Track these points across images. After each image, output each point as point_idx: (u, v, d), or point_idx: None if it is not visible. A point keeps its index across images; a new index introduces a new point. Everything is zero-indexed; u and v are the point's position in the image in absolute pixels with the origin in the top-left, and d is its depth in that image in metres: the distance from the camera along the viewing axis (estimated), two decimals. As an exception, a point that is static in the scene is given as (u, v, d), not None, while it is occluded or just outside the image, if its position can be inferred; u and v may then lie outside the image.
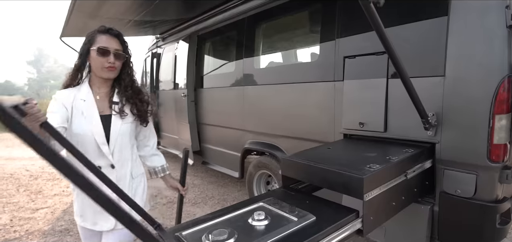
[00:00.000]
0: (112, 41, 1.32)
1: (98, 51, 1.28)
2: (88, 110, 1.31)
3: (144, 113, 1.43)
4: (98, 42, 1.29)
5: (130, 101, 1.39)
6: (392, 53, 1.29)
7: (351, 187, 1.23)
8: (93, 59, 1.31)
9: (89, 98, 1.33)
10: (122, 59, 1.35)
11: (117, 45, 1.33)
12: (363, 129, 1.93)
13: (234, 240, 1.01)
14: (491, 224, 1.46)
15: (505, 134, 1.46)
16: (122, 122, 1.38)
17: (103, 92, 1.38)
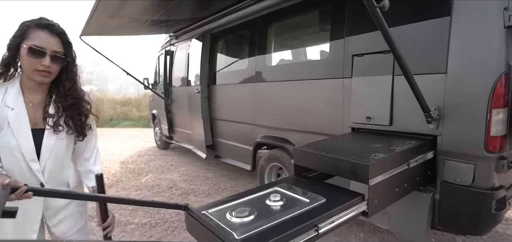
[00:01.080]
0: (52, 40, 1.10)
1: (30, 50, 1.06)
2: (16, 121, 1.11)
3: (80, 127, 1.23)
4: (32, 38, 1.07)
5: (67, 112, 1.20)
6: (396, 52, 1.42)
7: (358, 173, 1.37)
8: (23, 58, 1.09)
9: (19, 105, 1.12)
10: (61, 63, 1.14)
11: (57, 46, 1.11)
12: (370, 122, 2.06)
13: (254, 217, 1.17)
14: (487, 210, 1.58)
15: (502, 127, 1.57)
16: (57, 137, 1.19)
17: (36, 99, 1.17)
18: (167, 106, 5.47)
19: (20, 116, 1.12)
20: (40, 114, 1.18)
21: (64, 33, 1.15)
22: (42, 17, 1.14)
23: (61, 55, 1.13)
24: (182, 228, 2.86)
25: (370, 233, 2.68)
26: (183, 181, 4.33)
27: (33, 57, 1.07)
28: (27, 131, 1.13)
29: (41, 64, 1.08)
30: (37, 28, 1.09)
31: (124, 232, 2.80)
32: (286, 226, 1.11)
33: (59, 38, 1.13)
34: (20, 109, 1.12)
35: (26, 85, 1.15)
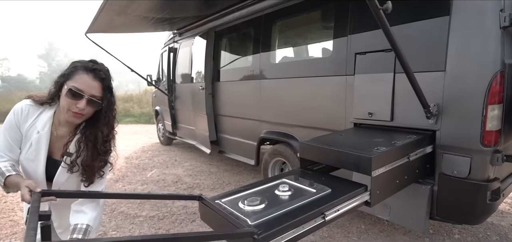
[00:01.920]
0: (93, 84, 1.13)
1: (69, 91, 1.10)
2: (37, 147, 1.17)
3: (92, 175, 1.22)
4: (75, 80, 1.11)
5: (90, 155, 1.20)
6: (398, 51, 1.51)
7: (361, 165, 1.46)
8: (62, 96, 1.13)
9: (44, 132, 1.17)
10: (96, 107, 1.16)
11: (96, 91, 1.14)
12: (372, 118, 2.15)
13: (265, 205, 1.26)
14: (483, 200, 1.68)
15: (497, 122, 1.66)
16: (69, 176, 1.23)
17: (62, 131, 1.21)
18: (171, 102, 5.55)
19: (42, 142, 1.17)
20: (59, 146, 1.22)
21: (106, 79, 1.18)
22: (93, 60, 1.20)
23: (98, 99, 1.15)
24: (189, 220, 2.95)
25: (371, 225, 2.77)
26: (188, 176, 4.43)
27: (71, 98, 1.11)
28: (43, 158, 1.19)
29: (76, 106, 1.12)
30: (83, 71, 1.13)
31: (133, 224, 2.90)
32: (295, 213, 1.20)
33: (100, 83, 1.15)
34: (44, 136, 1.17)
35: (58, 117, 1.20)
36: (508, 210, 3.09)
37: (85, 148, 1.21)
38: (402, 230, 2.66)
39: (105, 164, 1.27)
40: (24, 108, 1.18)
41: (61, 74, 1.17)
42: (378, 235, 2.59)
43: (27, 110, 1.18)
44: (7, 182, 1.10)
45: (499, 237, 2.53)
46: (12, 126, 1.17)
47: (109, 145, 1.26)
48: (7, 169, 1.11)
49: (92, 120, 1.21)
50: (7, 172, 1.10)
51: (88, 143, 1.21)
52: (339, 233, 2.63)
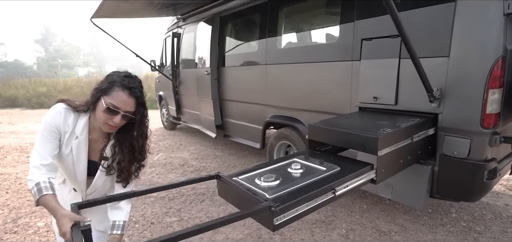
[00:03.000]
0: (128, 101, 1.20)
1: (107, 109, 1.18)
2: (77, 151, 1.26)
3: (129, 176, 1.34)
4: (112, 97, 1.18)
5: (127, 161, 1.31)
6: (405, 38, 1.58)
7: (368, 145, 1.55)
8: (98, 109, 1.21)
9: (83, 138, 1.26)
10: (128, 120, 1.25)
11: (130, 107, 1.21)
12: (377, 102, 2.24)
13: (279, 182, 1.36)
14: (480, 179, 1.79)
15: (497, 105, 1.75)
16: (107, 178, 1.34)
17: (96, 136, 1.31)
18: (175, 87, 5.61)
19: (81, 147, 1.26)
20: (96, 149, 1.32)
21: (140, 97, 1.25)
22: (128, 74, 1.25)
23: (131, 114, 1.23)
24: (198, 201, 3.08)
25: (373, 204, 2.91)
26: (194, 159, 4.55)
27: (108, 114, 1.19)
28: (84, 162, 1.29)
29: (112, 121, 1.20)
30: (120, 88, 1.19)
31: (145, 204, 3.02)
32: (308, 188, 1.30)
33: (135, 100, 1.22)
34: (83, 141, 1.26)
35: (92, 124, 1.28)
36: (503, 191, 3.22)
37: (120, 152, 1.31)
38: (402, 209, 2.80)
39: (141, 168, 1.38)
40: (62, 112, 1.23)
41: (98, 88, 1.23)
42: (380, 214, 2.73)
43: (64, 114, 1.23)
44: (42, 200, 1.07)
45: (494, 216, 2.67)
46: (53, 128, 1.21)
47: (145, 153, 1.37)
48: (45, 185, 1.09)
49: (124, 127, 1.28)
50: (45, 191, 1.08)
51: (123, 148, 1.31)
52: (343, 212, 2.77)
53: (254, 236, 2.41)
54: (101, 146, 1.33)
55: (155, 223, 2.69)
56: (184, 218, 2.77)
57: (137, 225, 2.67)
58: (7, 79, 14.58)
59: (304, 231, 2.46)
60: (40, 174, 1.12)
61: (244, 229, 2.50)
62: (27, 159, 4.59)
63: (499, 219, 2.61)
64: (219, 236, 2.42)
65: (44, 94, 11.81)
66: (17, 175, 3.89)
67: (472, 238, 2.34)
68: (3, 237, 2.45)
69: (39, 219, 2.74)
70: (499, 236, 2.36)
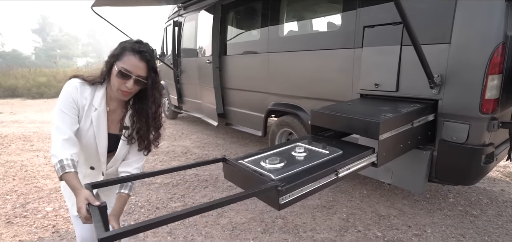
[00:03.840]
0: (140, 64, 1.22)
1: (119, 72, 1.20)
2: (97, 123, 1.28)
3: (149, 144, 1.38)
4: (124, 61, 1.21)
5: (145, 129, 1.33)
6: (408, 25, 1.61)
7: (369, 130, 1.60)
8: (113, 75, 1.23)
9: (101, 109, 1.28)
10: (141, 85, 1.26)
11: (142, 71, 1.23)
12: (378, 89, 2.28)
13: (283, 165, 1.41)
14: (477, 163, 1.85)
15: (495, 91, 1.79)
16: (128, 147, 1.38)
17: (113, 106, 1.33)
18: (176, 77, 5.63)
19: (101, 118, 1.29)
20: (114, 120, 1.34)
21: (151, 61, 1.26)
22: (139, 41, 1.28)
23: (144, 79, 1.25)
24: (202, 187, 3.15)
25: (372, 190, 2.98)
26: (196, 147, 4.61)
27: (121, 78, 1.21)
28: (105, 133, 1.31)
29: (125, 85, 1.22)
30: (131, 52, 1.22)
31: (150, 190, 3.09)
32: (312, 170, 1.35)
33: (146, 64, 1.24)
34: (102, 113, 1.29)
35: (109, 94, 1.31)
36: (500, 177, 3.29)
37: (138, 121, 1.34)
38: (401, 195, 2.87)
39: (159, 136, 1.41)
40: (77, 86, 1.25)
41: (111, 54, 1.26)
42: (379, 199, 2.80)
43: (80, 88, 1.25)
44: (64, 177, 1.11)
45: (490, 200, 2.74)
46: (70, 102, 1.22)
47: (160, 120, 1.39)
48: (68, 163, 1.12)
49: (140, 96, 1.32)
50: (67, 168, 1.11)
51: (141, 117, 1.33)
52: (343, 197, 2.84)
53: (257, 220, 2.48)
54: (120, 117, 1.35)
55: (160, 208, 2.76)
56: (188, 203, 2.83)
57: (143, 209, 2.73)
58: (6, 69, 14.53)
59: (305, 215, 2.53)
60: (62, 150, 1.14)
61: (247, 214, 2.57)
62: (31, 148, 4.65)
63: (495, 204, 2.69)
64: (223, 219, 2.49)
65: (44, 84, 11.81)
66: (22, 163, 3.95)
67: (468, 221, 2.41)
68: (14, 220, 2.52)
69: (47, 204, 2.80)
70: (494, 219, 2.44)
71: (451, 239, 2.19)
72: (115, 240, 0.80)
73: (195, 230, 2.36)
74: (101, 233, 0.82)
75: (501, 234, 2.24)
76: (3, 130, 5.92)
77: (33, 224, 2.48)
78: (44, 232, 2.36)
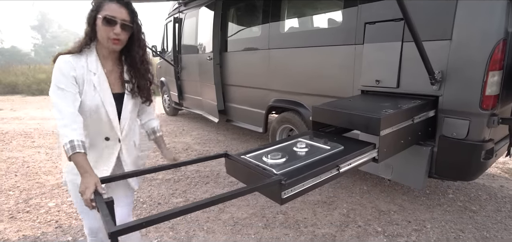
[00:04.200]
0: (121, 10, 1.24)
1: (104, 20, 1.21)
2: (100, 86, 1.27)
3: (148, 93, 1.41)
4: (105, 10, 1.21)
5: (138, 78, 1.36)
6: (409, 21, 1.62)
7: (370, 126, 1.61)
8: (99, 28, 1.23)
9: (99, 71, 1.28)
10: (129, 31, 1.27)
11: (125, 16, 1.24)
12: (379, 85, 2.29)
13: (285, 160, 1.42)
14: (477, 159, 1.86)
15: (496, 87, 1.81)
16: (134, 100, 1.38)
17: (109, 66, 1.32)
18: (177, 73, 5.63)
19: (102, 80, 1.28)
20: (116, 79, 1.34)
21: (130, 4, 1.27)
22: None
23: (129, 23, 1.26)
24: (203, 183, 3.17)
25: (373, 186, 3.00)
26: (197, 144, 4.62)
27: (107, 26, 1.21)
28: (110, 94, 1.30)
29: (113, 32, 1.22)
30: (109, 1, 1.23)
31: (151, 186, 3.11)
32: (313, 165, 1.37)
33: (126, 9, 1.25)
34: (102, 76, 1.28)
35: (101, 53, 1.30)
36: (499, 173, 3.31)
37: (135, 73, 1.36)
38: (401, 190, 2.89)
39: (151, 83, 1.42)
40: (69, 60, 1.23)
41: (90, 10, 1.25)
42: (379, 194, 2.82)
43: (72, 60, 1.23)
44: (73, 157, 1.11)
45: (489, 196, 2.76)
46: (67, 77, 1.20)
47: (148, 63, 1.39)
48: (78, 143, 1.12)
49: (128, 47, 1.32)
50: (77, 148, 1.11)
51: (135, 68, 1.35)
52: (344, 193, 2.86)
53: (258, 215, 2.51)
54: (118, 74, 1.35)
55: (162, 203, 2.78)
56: (190, 199, 2.85)
57: (145, 205, 2.75)
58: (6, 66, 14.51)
59: (306, 211, 2.56)
60: (71, 130, 1.13)
61: (248, 209, 2.59)
62: (33, 144, 4.66)
63: (494, 199, 2.71)
64: (224, 215, 2.51)
65: (44, 81, 11.77)
66: (24, 159, 3.96)
67: (467, 217, 2.44)
68: (17, 216, 2.54)
69: (50, 200, 2.82)
70: (493, 215, 2.46)
71: (450, 234, 2.21)
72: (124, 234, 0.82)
73: (196, 225, 2.38)
74: (111, 227, 0.84)
75: (500, 229, 2.26)
76: (4, 126, 5.93)
77: (36, 219, 2.50)
78: (47, 227, 2.38)
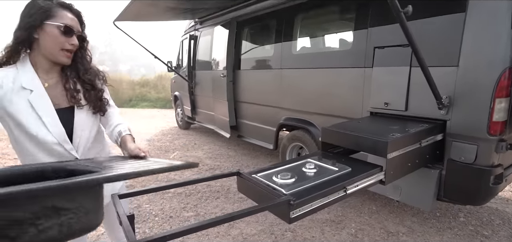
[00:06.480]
0: (76, 20, 1.11)
1: (65, 29, 1.05)
2: (39, 104, 1.05)
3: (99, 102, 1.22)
4: (61, 17, 1.05)
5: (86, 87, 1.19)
6: (415, 48, 1.69)
7: (378, 148, 1.67)
8: (48, 37, 1.04)
9: (37, 86, 1.06)
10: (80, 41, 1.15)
11: (78, 26, 1.12)
12: (388, 108, 2.34)
13: (295, 180, 1.49)
14: (486, 184, 1.87)
15: (503, 114, 1.84)
16: (86, 113, 1.19)
17: (52, 79, 1.13)
18: (191, 88, 5.81)
19: (42, 97, 1.06)
20: (60, 93, 1.14)
21: (81, 14, 1.15)
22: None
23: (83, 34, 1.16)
24: (214, 198, 3.24)
25: (382, 206, 3.00)
26: (208, 158, 4.72)
27: (64, 36, 1.06)
28: (53, 112, 1.08)
29: (69, 44, 1.08)
30: (61, 8, 1.07)
31: (163, 199, 3.21)
32: (321, 186, 1.43)
33: (78, 19, 1.13)
34: (40, 91, 1.06)
35: (41, 66, 1.09)
36: (514, 198, 3.25)
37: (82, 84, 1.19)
38: (411, 212, 2.88)
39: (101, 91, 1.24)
40: None
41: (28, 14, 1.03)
42: (388, 215, 2.82)
43: None
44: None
45: (502, 221, 2.72)
46: None
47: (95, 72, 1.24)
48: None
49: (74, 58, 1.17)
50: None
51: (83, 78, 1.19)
52: (352, 213, 2.87)
53: (267, 232, 2.55)
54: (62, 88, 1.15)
55: (174, 216, 2.87)
56: (200, 213, 2.93)
57: (157, 218, 2.84)
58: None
59: (314, 229, 2.58)
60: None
61: (257, 225, 2.64)
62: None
63: (508, 225, 2.66)
64: (234, 230, 2.57)
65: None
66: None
67: (479, 242, 2.41)
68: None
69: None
70: (506, 241, 2.42)
71: (460, 259, 2.19)
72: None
73: (206, 239, 2.45)
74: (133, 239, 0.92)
75: (513, 256, 2.23)
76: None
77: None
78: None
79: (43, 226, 0.63)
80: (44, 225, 0.63)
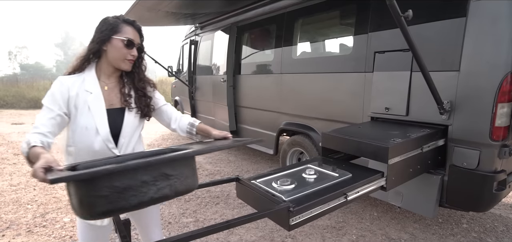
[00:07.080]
0: (136, 34, 1.31)
1: (128, 42, 1.26)
2: (94, 104, 1.26)
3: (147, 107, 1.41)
4: (125, 32, 1.26)
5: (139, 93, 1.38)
6: (416, 53, 1.67)
7: (379, 154, 1.64)
8: (114, 49, 1.26)
9: (96, 90, 1.28)
10: (140, 53, 1.35)
11: (138, 39, 1.32)
12: (388, 113, 2.32)
13: (294, 186, 1.46)
14: (489, 190, 1.84)
15: (506, 119, 1.81)
16: (134, 116, 1.37)
17: (111, 83, 1.34)
18: (191, 93, 5.80)
19: (97, 99, 1.27)
20: (116, 95, 1.34)
21: (141, 28, 1.34)
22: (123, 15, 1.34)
23: (142, 46, 1.36)
24: (214, 203, 3.21)
25: (383, 212, 2.96)
26: (208, 163, 4.70)
27: (127, 48, 1.27)
28: (103, 111, 1.28)
29: (131, 55, 1.29)
30: (126, 24, 1.28)
31: (163, 205, 3.17)
32: (321, 193, 1.40)
33: (139, 33, 1.33)
34: (98, 94, 1.28)
35: (104, 72, 1.32)
36: (518, 204, 3.21)
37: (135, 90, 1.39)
38: (412, 218, 2.84)
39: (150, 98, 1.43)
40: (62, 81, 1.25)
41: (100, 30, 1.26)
42: (390, 222, 2.78)
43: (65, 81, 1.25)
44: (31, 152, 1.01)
45: (506, 228, 2.68)
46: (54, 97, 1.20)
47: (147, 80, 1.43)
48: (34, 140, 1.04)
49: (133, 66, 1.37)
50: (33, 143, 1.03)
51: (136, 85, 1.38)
52: (353, 219, 2.84)
53: (267, 238, 2.52)
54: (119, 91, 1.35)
55: (173, 223, 2.84)
56: (200, 219, 2.90)
57: (156, 223, 2.81)
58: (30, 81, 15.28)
59: (315, 236, 2.55)
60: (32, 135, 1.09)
61: (257, 232, 2.61)
62: (52, 158, 4.85)
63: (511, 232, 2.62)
64: (233, 237, 2.54)
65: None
66: (44, 173, 4.12)
67: (482, 249, 2.37)
68: (34, 230, 2.64)
69: (65, 215, 2.93)
70: (511, 248, 2.38)
71: (464, 267, 2.15)
72: None
73: (206, 246, 2.41)
74: None
75: (517, 264, 2.19)
76: (26, 140, 6.20)
77: (51, 234, 2.59)
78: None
79: (159, 186, 0.92)
80: (160, 185, 0.92)
